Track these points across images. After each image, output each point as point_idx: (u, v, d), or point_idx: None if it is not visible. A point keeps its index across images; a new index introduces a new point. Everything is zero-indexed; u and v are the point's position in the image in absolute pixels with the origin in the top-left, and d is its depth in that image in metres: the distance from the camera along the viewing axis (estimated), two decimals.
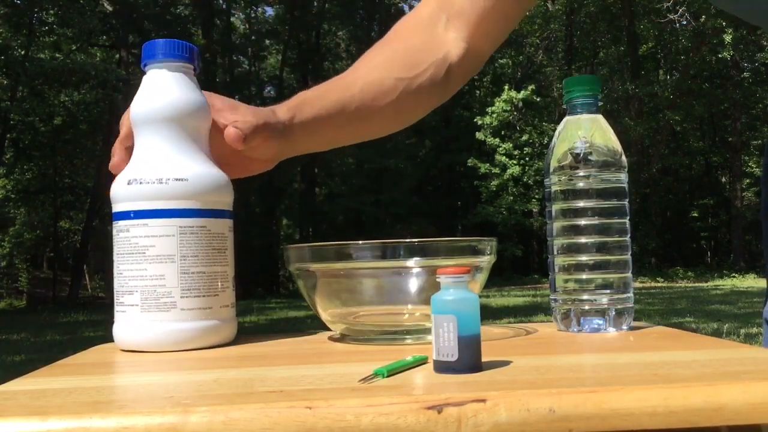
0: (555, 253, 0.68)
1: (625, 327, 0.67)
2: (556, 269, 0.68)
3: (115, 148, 0.71)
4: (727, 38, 18.11)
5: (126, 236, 0.65)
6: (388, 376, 0.46)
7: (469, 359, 0.47)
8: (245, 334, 0.74)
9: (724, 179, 24.46)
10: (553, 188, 0.67)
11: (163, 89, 0.68)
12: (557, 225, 0.67)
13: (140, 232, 0.64)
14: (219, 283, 0.67)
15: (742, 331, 5.61)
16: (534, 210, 21.15)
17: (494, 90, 21.62)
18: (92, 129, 17.27)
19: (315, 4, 22.67)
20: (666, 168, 23.09)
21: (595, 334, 0.67)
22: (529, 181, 20.41)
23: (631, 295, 0.67)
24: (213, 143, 0.69)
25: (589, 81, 0.68)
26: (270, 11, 24.54)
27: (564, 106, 0.68)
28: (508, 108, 20.04)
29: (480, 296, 0.55)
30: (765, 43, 19.43)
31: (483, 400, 0.39)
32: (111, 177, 0.69)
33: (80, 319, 10.49)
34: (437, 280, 0.48)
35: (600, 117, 0.67)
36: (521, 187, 20.51)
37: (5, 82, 15.05)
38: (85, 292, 21.41)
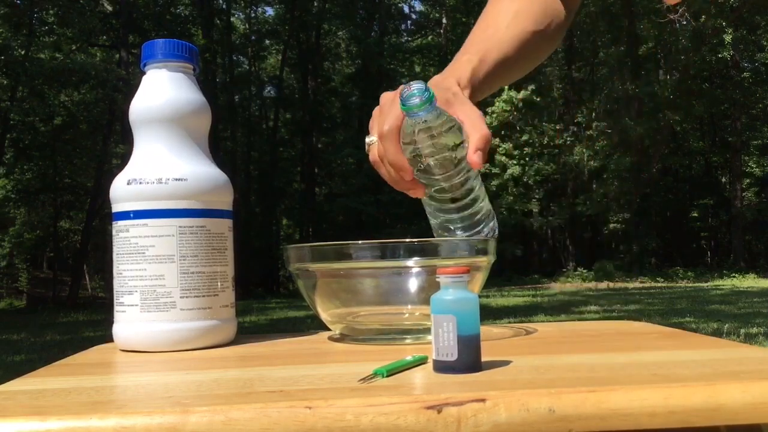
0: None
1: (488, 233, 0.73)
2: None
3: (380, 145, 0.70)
4: (727, 38, 18.12)
5: (126, 236, 0.65)
6: (387, 376, 0.46)
7: (469, 359, 0.47)
8: (245, 334, 0.74)
9: (724, 179, 24.46)
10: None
11: (162, 89, 0.68)
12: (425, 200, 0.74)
13: (140, 232, 0.64)
14: (219, 283, 0.67)
15: (742, 331, 5.61)
16: (534, 210, 21.15)
17: None
18: (92, 129, 17.23)
19: (315, 4, 22.66)
20: (666, 168, 23.09)
21: (591, 331, 0.67)
22: (529, 181, 20.42)
23: (487, 211, 0.74)
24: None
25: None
26: (270, 11, 24.55)
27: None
28: (508, 108, 20.03)
29: (480, 296, 0.55)
30: (765, 43, 19.44)
31: (482, 400, 0.39)
32: (111, 177, 0.69)
33: (80, 319, 10.48)
34: (437, 279, 0.48)
35: (428, 118, 0.67)
36: (521, 187, 20.51)
37: (5, 82, 15.03)
38: (85, 292, 21.40)
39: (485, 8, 0.87)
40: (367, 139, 0.73)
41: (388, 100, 0.72)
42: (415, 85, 0.66)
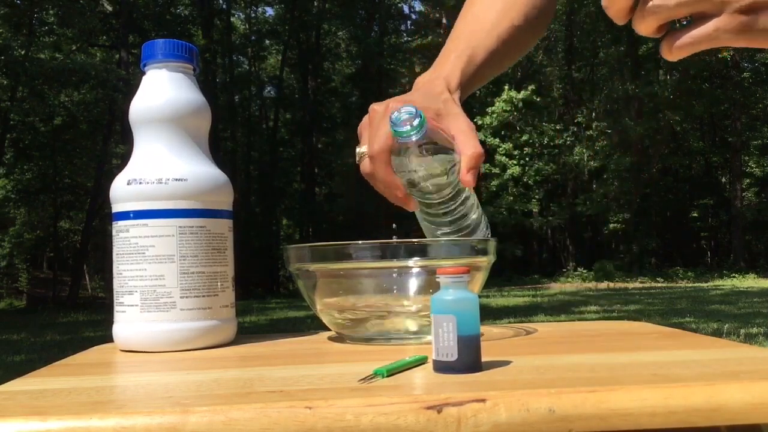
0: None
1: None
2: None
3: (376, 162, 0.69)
4: None
5: (126, 236, 0.65)
6: (387, 376, 0.46)
7: (469, 359, 0.47)
8: (245, 334, 0.74)
9: (724, 179, 24.46)
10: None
11: (162, 89, 0.68)
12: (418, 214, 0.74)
13: (140, 233, 0.64)
14: (219, 283, 0.67)
15: (742, 331, 5.61)
16: (534, 210, 21.16)
17: (494, 90, 21.62)
18: (92, 129, 17.23)
19: (315, 4, 22.66)
20: (666, 168, 23.09)
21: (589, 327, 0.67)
22: (529, 181, 20.43)
23: (477, 221, 0.74)
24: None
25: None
26: (270, 11, 24.55)
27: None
28: (508, 108, 20.05)
29: (480, 296, 0.55)
30: None
31: (483, 400, 0.39)
32: (111, 177, 0.69)
33: (80, 319, 10.48)
34: (437, 280, 0.48)
35: (418, 142, 0.67)
36: (521, 187, 20.52)
37: (5, 82, 15.03)
38: (85, 292, 21.40)
39: None
40: (358, 150, 0.73)
41: (378, 114, 0.70)
42: (405, 109, 0.66)
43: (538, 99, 20.57)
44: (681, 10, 0.53)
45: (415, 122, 0.65)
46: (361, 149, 0.72)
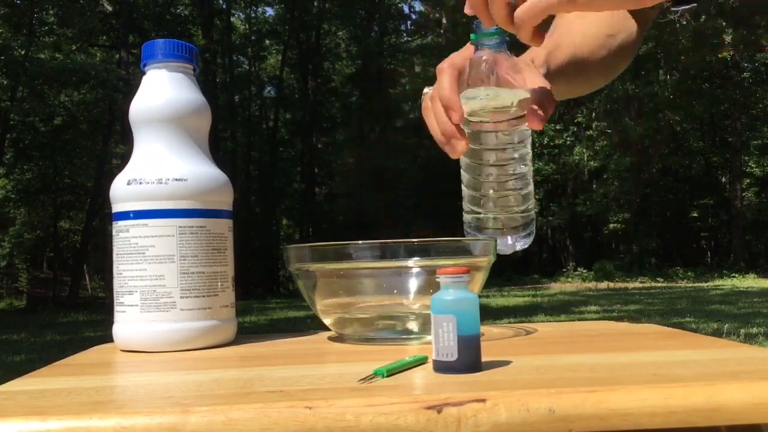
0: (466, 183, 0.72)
1: (521, 242, 0.71)
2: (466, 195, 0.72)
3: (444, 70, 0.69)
4: (727, 38, 18.11)
5: (126, 236, 0.65)
6: (387, 376, 0.46)
7: (469, 359, 0.47)
8: (245, 334, 0.74)
9: (724, 179, 24.44)
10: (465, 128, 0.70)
11: (162, 89, 0.68)
12: (465, 161, 0.71)
13: (140, 233, 0.64)
14: (219, 283, 0.67)
15: (742, 331, 5.61)
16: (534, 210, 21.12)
17: None
18: (92, 129, 17.21)
19: (315, 4, 22.65)
20: (666, 168, 23.08)
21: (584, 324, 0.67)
22: None
23: (527, 211, 0.71)
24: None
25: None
26: (270, 11, 24.54)
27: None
28: None
29: (480, 296, 0.55)
30: (765, 43, 19.44)
31: (483, 400, 0.39)
32: (111, 177, 0.69)
33: (80, 319, 10.48)
34: (437, 280, 0.48)
35: (494, 55, 0.67)
36: None
37: (5, 82, 15.02)
38: (85, 292, 21.39)
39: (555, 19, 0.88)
40: (425, 89, 0.73)
41: (462, 51, 0.72)
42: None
43: None
44: None
45: (497, 29, 0.64)
46: (427, 88, 0.72)
